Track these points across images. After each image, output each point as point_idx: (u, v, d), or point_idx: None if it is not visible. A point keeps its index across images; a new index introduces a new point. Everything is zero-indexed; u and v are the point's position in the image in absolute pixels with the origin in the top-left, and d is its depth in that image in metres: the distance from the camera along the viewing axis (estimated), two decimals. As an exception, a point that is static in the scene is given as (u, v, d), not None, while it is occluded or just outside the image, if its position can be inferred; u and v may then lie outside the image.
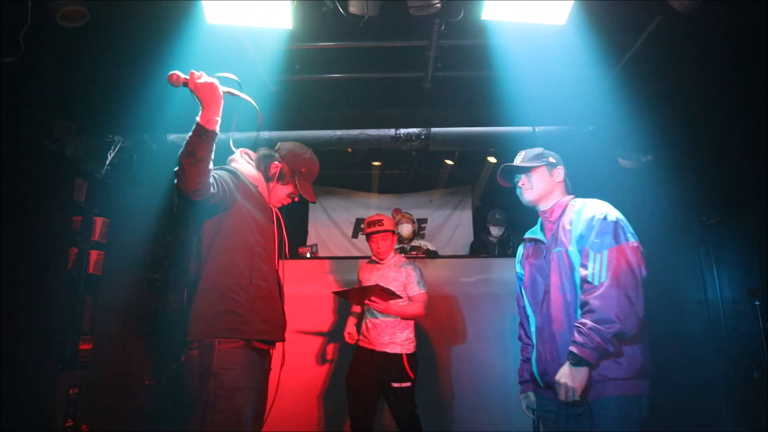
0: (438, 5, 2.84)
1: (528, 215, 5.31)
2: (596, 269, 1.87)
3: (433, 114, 4.16)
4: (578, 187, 2.29)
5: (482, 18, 2.88)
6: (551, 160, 2.22)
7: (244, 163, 2.28)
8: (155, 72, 3.28)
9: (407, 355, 3.37)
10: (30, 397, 3.22)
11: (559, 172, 2.21)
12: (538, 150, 2.25)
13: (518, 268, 2.31)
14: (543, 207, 2.20)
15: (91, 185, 3.94)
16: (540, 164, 2.18)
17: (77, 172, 3.81)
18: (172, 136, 4.09)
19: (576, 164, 4.36)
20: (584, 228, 1.98)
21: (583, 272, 1.92)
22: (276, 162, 2.27)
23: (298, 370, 4.14)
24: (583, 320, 1.84)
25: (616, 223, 1.94)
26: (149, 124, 3.84)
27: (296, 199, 2.36)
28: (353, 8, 2.85)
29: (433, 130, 4.18)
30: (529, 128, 4.11)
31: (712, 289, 3.54)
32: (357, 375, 3.42)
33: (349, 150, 5.38)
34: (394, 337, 3.39)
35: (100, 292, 3.93)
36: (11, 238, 3.14)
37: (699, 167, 3.67)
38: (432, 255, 4.89)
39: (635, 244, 1.92)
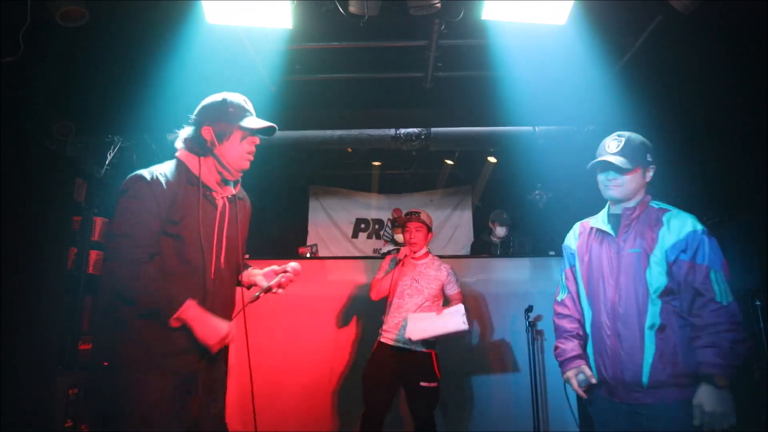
0: (438, 5, 2.84)
1: (528, 216, 5.30)
2: (722, 288, 1.87)
3: (433, 114, 4.15)
4: (579, 187, 2.29)
5: (482, 18, 2.88)
6: (648, 157, 2.07)
7: (187, 153, 1.99)
8: (155, 72, 3.29)
9: (436, 353, 3.36)
10: (29, 397, 3.21)
11: (651, 171, 2.09)
12: (640, 141, 2.07)
13: (572, 247, 2.24)
14: (626, 204, 2.09)
15: (91, 185, 3.94)
16: (638, 164, 2.04)
17: (77, 172, 3.81)
18: (171, 136, 4.07)
19: (576, 164, 4.37)
20: (684, 239, 1.94)
21: (707, 292, 1.88)
22: (204, 127, 1.96)
23: (298, 370, 4.13)
24: (722, 340, 1.81)
25: (714, 238, 1.96)
26: (149, 124, 3.84)
27: (256, 141, 2.03)
28: (353, 8, 2.85)
29: (433, 130, 4.18)
30: (529, 128, 4.11)
31: (712, 289, 3.53)
32: (380, 372, 3.30)
33: (349, 150, 5.38)
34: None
35: (99, 290, 3.93)
36: (11, 238, 3.13)
37: (699, 167, 3.66)
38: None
39: None
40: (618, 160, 2.02)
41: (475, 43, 3.38)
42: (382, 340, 3.39)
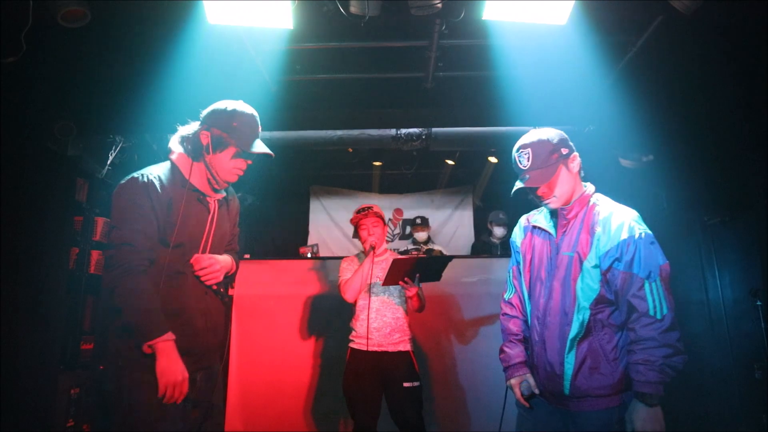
0: (439, 5, 2.84)
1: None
2: (656, 301, 1.74)
3: (433, 114, 4.15)
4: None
5: (483, 18, 2.88)
6: (563, 151, 1.90)
7: (182, 156, 1.99)
8: (156, 72, 3.30)
9: (413, 353, 3.24)
10: (31, 397, 3.22)
11: (575, 160, 1.92)
12: (546, 141, 1.91)
13: (517, 243, 2.13)
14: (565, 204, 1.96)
15: (93, 185, 3.94)
16: (557, 165, 1.88)
17: (78, 172, 3.81)
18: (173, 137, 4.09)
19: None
20: (621, 246, 1.78)
21: (641, 306, 1.75)
22: (203, 131, 1.95)
23: (297, 369, 4.14)
24: (652, 356, 1.70)
25: (655, 241, 1.80)
26: (150, 124, 3.84)
27: (249, 161, 2.03)
28: (354, 8, 2.85)
29: (434, 130, 4.18)
30: (530, 128, 4.09)
31: (713, 289, 3.54)
32: (360, 381, 3.14)
33: (350, 150, 5.38)
34: (404, 334, 3.22)
35: (101, 292, 3.93)
36: (12, 238, 3.14)
37: (700, 167, 3.66)
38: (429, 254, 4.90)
39: (668, 262, 1.81)
40: (534, 180, 1.87)
41: (476, 43, 3.38)
42: (355, 347, 3.23)
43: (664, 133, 3.74)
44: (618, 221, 1.82)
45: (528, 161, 1.89)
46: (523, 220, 2.16)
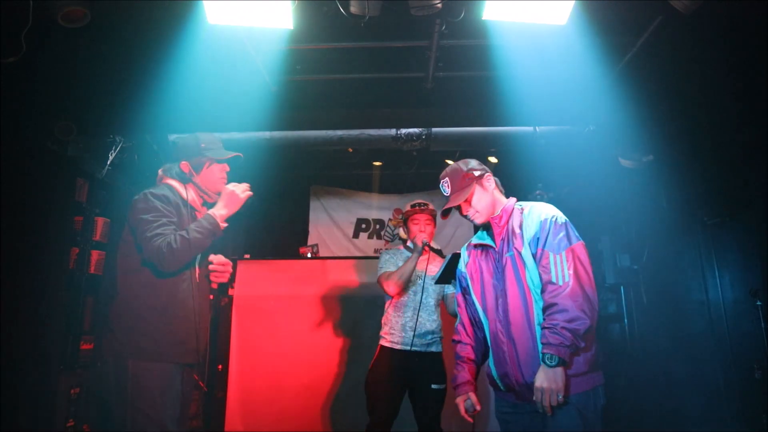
0: (439, 5, 2.84)
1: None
2: (558, 270, 1.94)
3: (433, 114, 4.15)
4: (579, 186, 2.29)
5: (483, 18, 2.88)
6: (476, 173, 2.22)
7: (175, 182, 2.37)
8: (157, 72, 3.30)
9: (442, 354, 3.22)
10: (31, 397, 3.22)
11: (489, 180, 2.23)
12: (458, 168, 2.25)
13: (462, 270, 2.35)
14: (492, 215, 2.23)
15: (93, 185, 3.94)
16: (471, 185, 2.19)
17: (78, 172, 3.81)
18: (173, 137, 4.09)
19: (577, 164, 4.38)
20: (537, 230, 2.04)
21: (545, 275, 1.96)
22: (182, 162, 2.37)
23: (298, 370, 4.14)
24: (553, 321, 1.88)
25: (566, 224, 2.04)
26: (150, 124, 3.85)
27: (226, 167, 2.45)
28: (354, 8, 2.85)
29: (434, 130, 4.18)
30: (530, 128, 4.11)
31: (713, 289, 3.54)
32: (389, 379, 3.10)
33: (350, 150, 5.38)
34: (437, 334, 3.21)
35: (101, 292, 3.93)
36: (12, 239, 3.14)
37: (700, 167, 3.67)
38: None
39: (583, 243, 2.02)
40: (453, 201, 2.19)
41: (476, 43, 3.38)
42: (387, 344, 3.18)
43: (664, 133, 3.74)
44: (536, 212, 2.10)
45: (448, 188, 2.25)
46: (465, 249, 2.40)
